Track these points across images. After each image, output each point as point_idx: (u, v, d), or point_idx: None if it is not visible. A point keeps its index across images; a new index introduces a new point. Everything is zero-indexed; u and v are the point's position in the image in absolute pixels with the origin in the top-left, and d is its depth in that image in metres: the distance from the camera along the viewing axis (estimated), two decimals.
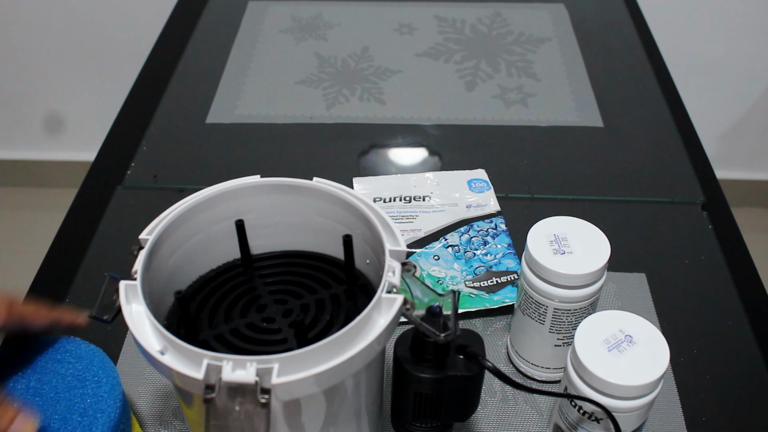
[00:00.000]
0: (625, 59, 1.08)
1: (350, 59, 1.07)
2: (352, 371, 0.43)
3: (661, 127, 0.96)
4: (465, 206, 0.81)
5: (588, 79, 1.03)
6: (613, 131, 0.95)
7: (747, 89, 1.88)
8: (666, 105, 0.99)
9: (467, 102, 0.99)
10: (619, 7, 1.19)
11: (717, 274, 0.76)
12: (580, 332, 0.53)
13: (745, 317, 0.72)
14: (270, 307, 0.52)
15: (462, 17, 1.16)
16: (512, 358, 0.67)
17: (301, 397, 0.44)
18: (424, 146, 0.92)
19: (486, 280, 0.72)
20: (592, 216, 0.69)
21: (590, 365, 0.51)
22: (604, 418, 0.52)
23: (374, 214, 0.50)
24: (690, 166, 0.89)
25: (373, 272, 0.53)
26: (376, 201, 0.81)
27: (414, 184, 0.84)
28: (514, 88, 1.02)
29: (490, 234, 0.77)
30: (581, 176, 0.88)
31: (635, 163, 0.90)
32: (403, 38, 1.12)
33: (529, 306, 0.61)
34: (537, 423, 0.62)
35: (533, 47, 1.09)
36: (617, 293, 0.73)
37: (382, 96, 1.00)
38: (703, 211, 0.84)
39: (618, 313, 0.54)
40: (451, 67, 1.06)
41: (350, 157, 0.90)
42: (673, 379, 0.66)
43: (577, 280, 0.57)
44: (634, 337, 0.52)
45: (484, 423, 0.62)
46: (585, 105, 0.99)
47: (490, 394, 0.64)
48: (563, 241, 0.59)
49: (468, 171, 0.86)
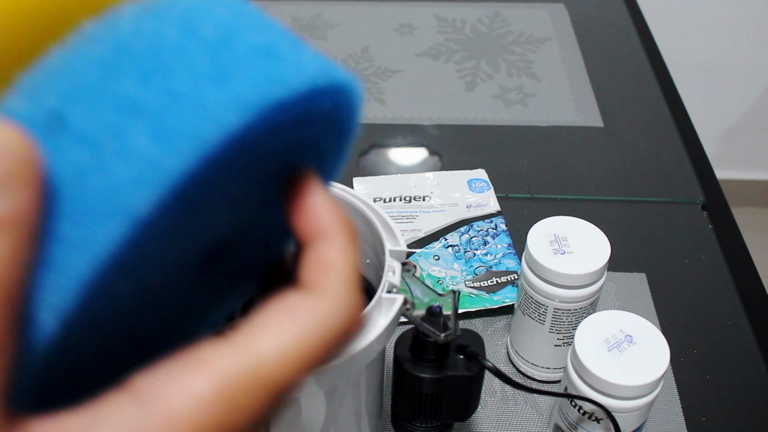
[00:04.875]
0: (625, 59, 1.08)
1: (350, 59, 1.07)
2: (352, 371, 0.43)
3: (661, 127, 0.95)
4: (465, 206, 0.81)
5: (588, 79, 1.03)
6: (613, 131, 0.95)
7: (747, 89, 1.88)
8: (666, 105, 0.99)
9: (467, 102, 0.99)
10: (619, 7, 1.19)
11: (717, 274, 0.76)
12: (580, 332, 0.53)
13: (745, 317, 0.72)
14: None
15: (462, 17, 1.16)
16: (512, 358, 0.67)
17: (301, 397, 0.44)
18: (424, 146, 0.92)
19: (486, 280, 0.72)
20: (592, 216, 0.69)
21: (590, 365, 0.51)
22: (604, 418, 0.52)
23: (374, 214, 0.50)
24: (690, 166, 0.89)
25: (373, 272, 0.53)
26: (376, 201, 0.81)
27: (414, 184, 0.84)
28: (514, 88, 1.02)
29: (490, 234, 0.77)
30: (581, 176, 0.88)
31: (635, 163, 0.90)
32: (403, 38, 1.12)
33: (529, 306, 0.61)
34: (537, 423, 0.62)
35: (533, 47, 1.09)
36: (617, 293, 0.73)
37: (382, 96, 1.00)
38: (703, 211, 0.84)
39: (618, 313, 0.54)
40: (451, 67, 1.06)
41: (350, 157, 0.90)
42: (673, 379, 0.66)
43: (577, 280, 0.57)
44: (634, 337, 0.52)
45: (484, 423, 0.62)
46: (585, 105, 0.99)
47: (490, 394, 0.64)
48: (563, 241, 0.59)
49: (468, 171, 0.86)
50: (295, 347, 0.22)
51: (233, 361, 0.21)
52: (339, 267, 0.24)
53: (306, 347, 0.22)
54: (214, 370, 0.21)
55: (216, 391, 0.21)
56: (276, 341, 0.22)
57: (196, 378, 0.21)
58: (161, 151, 0.20)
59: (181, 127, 0.20)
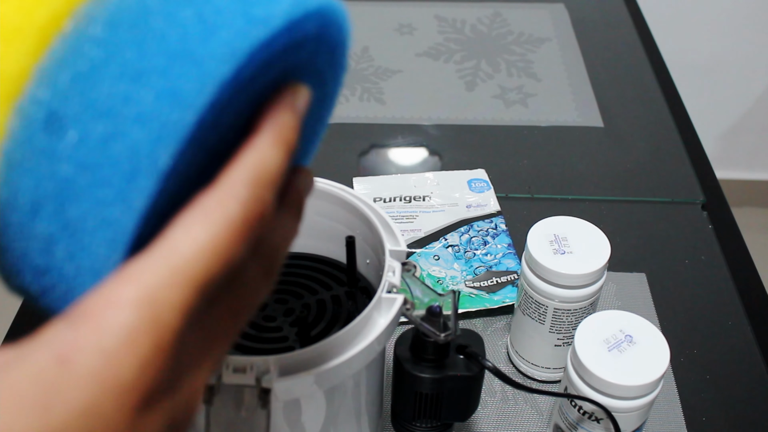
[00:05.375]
0: (625, 59, 1.08)
1: (350, 59, 1.07)
2: (352, 371, 0.44)
3: (661, 127, 0.95)
4: (465, 206, 0.81)
5: (588, 79, 1.03)
6: (613, 131, 0.95)
7: (747, 89, 1.88)
8: (666, 105, 0.99)
9: (467, 102, 0.99)
10: (619, 7, 1.19)
11: (717, 274, 0.76)
12: (580, 332, 0.53)
13: (745, 317, 0.72)
14: (270, 306, 0.52)
15: (462, 17, 1.16)
16: (512, 358, 0.67)
17: (301, 397, 0.44)
18: (424, 146, 0.92)
19: (486, 280, 0.72)
20: (592, 216, 0.69)
21: (590, 365, 0.51)
22: (604, 418, 0.52)
23: (374, 214, 0.50)
24: (690, 166, 0.89)
25: (373, 273, 0.53)
26: (376, 201, 0.81)
27: (414, 184, 0.84)
28: (514, 88, 1.02)
29: (490, 234, 0.77)
30: (581, 176, 0.88)
31: (635, 163, 0.90)
32: (403, 38, 1.11)
33: (529, 306, 0.61)
34: (537, 423, 0.62)
35: (533, 47, 1.09)
36: (617, 293, 0.73)
37: (382, 96, 1.00)
38: (703, 211, 0.84)
39: (618, 313, 0.54)
40: (451, 67, 1.06)
41: (350, 157, 0.90)
42: (673, 379, 0.66)
43: (577, 280, 0.57)
44: (634, 337, 0.52)
45: (484, 423, 0.62)
46: (585, 105, 0.99)
47: (490, 394, 0.64)
48: (563, 241, 0.59)
49: (468, 171, 0.86)
50: (205, 239, 0.23)
51: (155, 266, 0.22)
52: (244, 161, 0.26)
53: (216, 236, 0.24)
54: (141, 280, 0.22)
55: (145, 295, 0.22)
56: (188, 238, 0.23)
57: (125, 288, 0.22)
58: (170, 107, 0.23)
59: (183, 84, 0.23)
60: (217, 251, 0.24)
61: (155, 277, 0.22)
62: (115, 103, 0.23)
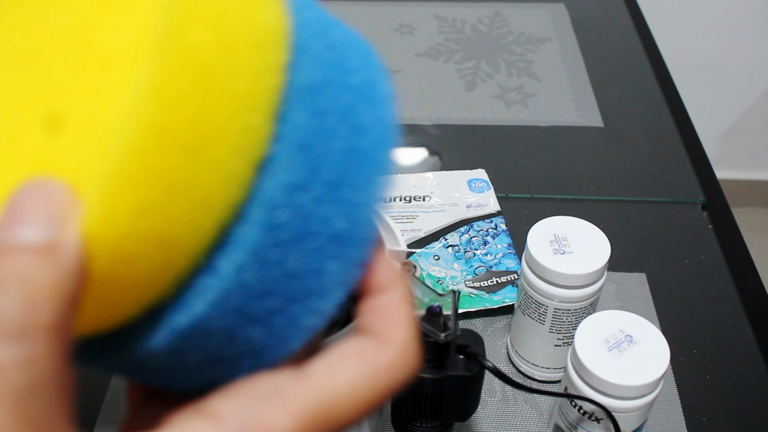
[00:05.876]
0: (625, 59, 1.08)
1: None
2: None
3: (661, 127, 0.96)
4: (465, 206, 0.81)
5: (588, 79, 1.03)
6: (613, 131, 0.95)
7: (747, 89, 1.88)
8: (666, 105, 0.99)
9: (467, 102, 0.99)
10: (619, 7, 1.19)
11: (717, 274, 0.76)
12: (580, 332, 0.53)
13: (745, 317, 0.72)
14: None
15: (462, 17, 1.16)
16: (512, 358, 0.67)
17: None
18: (424, 146, 0.92)
19: (486, 280, 0.72)
20: (592, 216, 0.69)
21: (590, 365, 0.51)
22: (604, 418, 0.52)
23: None
24: (690, 166, 0.89)
25: None
26: None
27: (414, 184, 0.84)
28: (514, 88, 1.02)
29: (490, 234, 0.77)
30: (581, 176, 0.88)
31: (635, 163, 0.90)
32: (403, 38, 1.12)
33: (529, 306, 0.61)
34: (537, 423, 0.62)
35: (533, 47, 1.09)
36: (617, 293, 0.73)
37: None
38: (703, 211, 0.84)
39: (618, 313, 0.54)
40: (451, 67, 1.06)
41: None
42: (673, 379, 0.66)
43: (577, 280, 0.57)
44: (634, 337, 0.52)
45: (484, 423, 0.62)
46: (585, 105, 0.99)
47: (490, 394, 0.64)
48: (563, 241, 0.59)
49: (468, 171, 0.86)
50: (365, 390, 0.24)
51: (311, 397, 0.23)
52: (404, 319, 0.26)
53: (375, 391, 0.24)
54: (294, 406, 0.22)
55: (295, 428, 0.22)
56: (350, 382, 0.23)
57: (277, 412, 0.22)
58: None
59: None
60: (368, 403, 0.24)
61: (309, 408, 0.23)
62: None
